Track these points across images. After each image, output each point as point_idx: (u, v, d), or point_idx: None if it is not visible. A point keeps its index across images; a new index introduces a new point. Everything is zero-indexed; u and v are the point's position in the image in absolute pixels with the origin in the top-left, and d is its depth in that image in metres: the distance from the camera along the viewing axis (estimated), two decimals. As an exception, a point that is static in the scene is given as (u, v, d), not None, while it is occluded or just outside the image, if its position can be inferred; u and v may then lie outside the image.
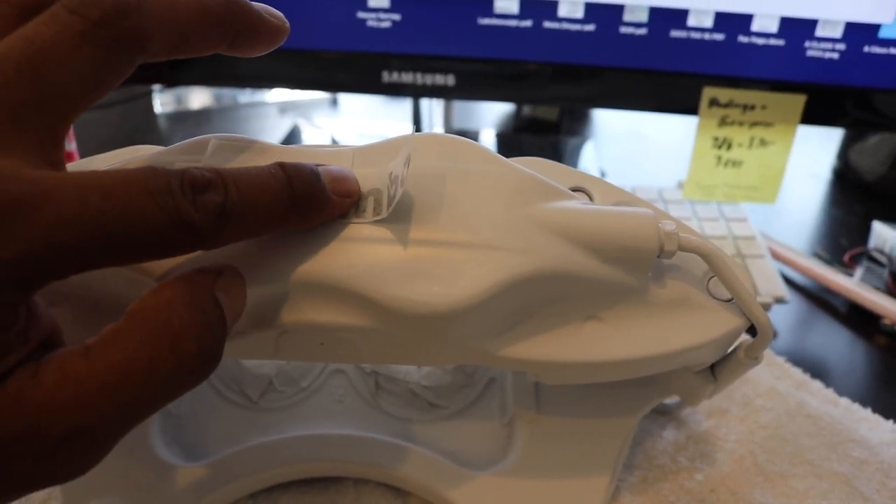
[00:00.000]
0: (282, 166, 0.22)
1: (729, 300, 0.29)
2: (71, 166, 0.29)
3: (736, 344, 0.31)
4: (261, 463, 0.34)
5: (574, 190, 0.30)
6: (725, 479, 0.36)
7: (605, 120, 0.83)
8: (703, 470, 0.36)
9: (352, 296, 0.25)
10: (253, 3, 0.24)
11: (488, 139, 0.72)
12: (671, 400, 0.39)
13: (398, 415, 0.36)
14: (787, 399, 0.40)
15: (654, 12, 0.49)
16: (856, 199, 0.68)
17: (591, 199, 0.30)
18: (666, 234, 0.27)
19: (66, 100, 0.19)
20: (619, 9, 0.50)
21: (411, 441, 0.35)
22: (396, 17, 0.52)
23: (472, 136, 0.72)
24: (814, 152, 0.76)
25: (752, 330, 0.28)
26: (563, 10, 0.50)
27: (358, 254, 0.24)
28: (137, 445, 0.33)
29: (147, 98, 0.80)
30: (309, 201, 0.23)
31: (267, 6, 0.24)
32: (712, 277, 0.29)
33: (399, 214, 0.25)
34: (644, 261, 0.27)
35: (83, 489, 0.32)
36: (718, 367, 0.32)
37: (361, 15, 0.52)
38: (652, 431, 0.38)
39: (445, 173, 0.27)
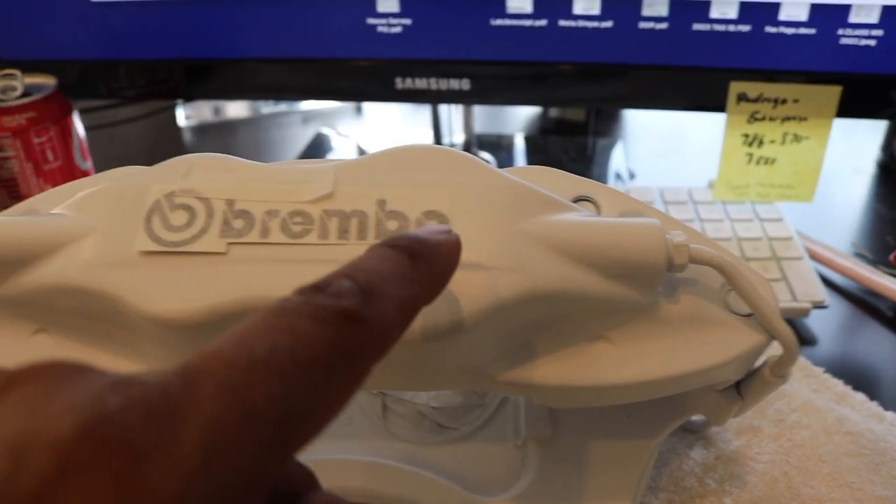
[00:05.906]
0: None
1: (749, 314, 0.27)
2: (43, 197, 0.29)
3: (763, 359, 0.28)
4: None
5: (579, 199, 0.28)
6: None
7: (638, 119, 0.81)
8: (732, 493, 0.34)
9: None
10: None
11: (517, 142, 0.70)
12: (698, 416, 0.37)
13: (406, 437, 0.35)
14: (826, 414, 0.38)
15: (675, 4, 0.47)
16: (902, 193, 0.65)
17: (598, 208, 0.28)
18: (675, 246, 0.25)
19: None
20: (638, 3, 0.47)
21: (420, 465, 0.33)
22: (407, 21, 0.50)
23: (498, 139, 0.70)
24: (857, 145, 0.72)
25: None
26: (578, 8, 0.48)
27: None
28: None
29: (170, 111, 0.80)
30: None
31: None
32: (730, 290, 0.27)
33: (384, 233, 0.24)
34: (652, 276, 0.25)
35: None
36: (744, 386, 0.30)
37: (371, 21, 0.50)
38: (678, 451, 0.36)
39: (436, 187, 0.25)
